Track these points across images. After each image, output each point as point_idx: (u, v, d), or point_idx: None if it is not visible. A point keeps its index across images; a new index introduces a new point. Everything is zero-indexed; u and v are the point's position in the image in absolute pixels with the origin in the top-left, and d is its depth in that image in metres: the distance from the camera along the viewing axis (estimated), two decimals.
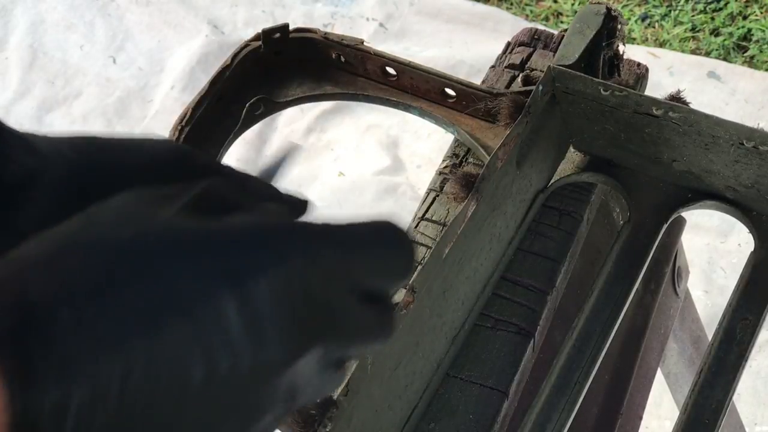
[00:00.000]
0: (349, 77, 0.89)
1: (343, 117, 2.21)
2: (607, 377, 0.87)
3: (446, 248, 0.67)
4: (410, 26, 2.38)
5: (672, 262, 0.94)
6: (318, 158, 2.16)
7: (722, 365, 0.72)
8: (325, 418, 0.59)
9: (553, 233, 0.81)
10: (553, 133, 0.80)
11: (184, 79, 2.29)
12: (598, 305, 0.75)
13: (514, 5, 2.42)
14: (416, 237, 0.82)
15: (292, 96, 0.89)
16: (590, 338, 0.74)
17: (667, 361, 1.08)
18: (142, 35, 2.42)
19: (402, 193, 2.09)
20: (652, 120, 0.74)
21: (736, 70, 2.20)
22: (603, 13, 0.81)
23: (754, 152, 0.72)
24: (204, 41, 2.36)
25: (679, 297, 0.99)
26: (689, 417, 0.70)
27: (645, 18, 2.35)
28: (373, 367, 0.62)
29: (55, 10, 2.47)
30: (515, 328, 0.76)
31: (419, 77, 0.86)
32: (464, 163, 0.86)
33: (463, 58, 2.26)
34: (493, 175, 0.71)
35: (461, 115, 0.86)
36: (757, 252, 0.77)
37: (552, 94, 0.77)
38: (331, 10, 2.43)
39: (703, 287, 1.87)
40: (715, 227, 1.94)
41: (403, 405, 0.69)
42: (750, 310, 0.74)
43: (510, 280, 0.78)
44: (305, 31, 0.89)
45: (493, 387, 0.72)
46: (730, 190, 0.77)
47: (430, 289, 0.66)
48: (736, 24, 2.30)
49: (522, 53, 0.92)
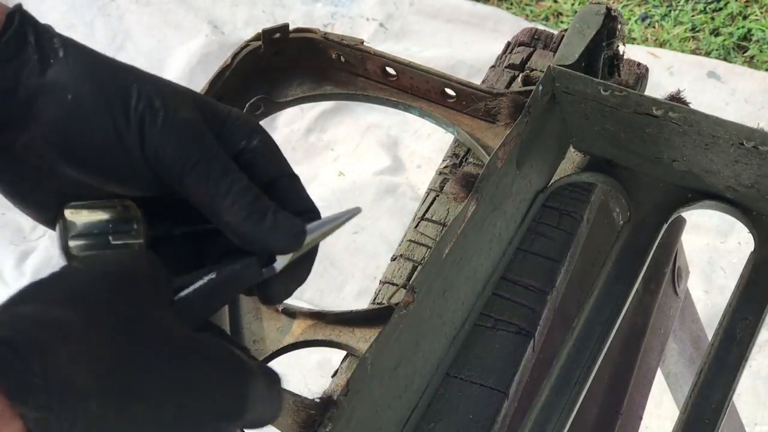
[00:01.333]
0: (349, 77, 0.89)
1: (343, 117, 2.21)
2: (607, 377, 0.87)
3: (446, 248, 0.67)
4: (410, 26, 2.38)
5: (672, 262, 0.94)
6: (318, 158, 2.16)
7: (722, 365, 0.72)
8: (325, 418, 0.59)
9: (553, 233, 0.81)
10: (553, 133, 0.80)
11: (184, 79, 2.29)
12: (598, 305, 0.75)
13: (514, 5, 2.42)
14: (416, 237, 0.82)
15: (292, 96, 0.89)
16: (590, 338, 0.74)
17: (667, 361, 1.08)
18: (142, 35, 2.42)
19: (402, 193, 2.09)
20: (652, 120, 0.74)
21: (736, 70, 2.20)
22: (603, 13, 0.81)
23: (754, 152, 0.72)
24: (204, 41, 2.36)
25: (679, 297, 0.99)
26: (689, 417, 0.70)
27: (645, 18, 2.35)
28: (373, 367, 0.62)
29: (55, 10, 2.47)
30: (515, 328, 0.76)
31: (419, 77, 0.86)
32: (464, 163, 0.86)
33: (463, 58, 2.26)
34: (493, 175, 0.71)
35: (461, 115, 0.86)
36: (757, 252, 0.77)
37: (552, 94, 0.77)
38: (331, 10, 2.43)
39: (703, 287, 1.87)
40: (715, 227, 1.94)
41: (403, 405, 0.69)
42: (750, 310, 0.74)
43: (510, 280, 0.78)
44: (305, 31, 0.89)
45: (493, 387, 0.72)
46: (730, 190, 0.77)
47: (430, 289, 0.66)
48: (736, 24, 2.30)
49: (522, 53, 0.92)
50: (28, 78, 0.51)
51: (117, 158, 0.52)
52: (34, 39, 0.52)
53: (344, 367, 0.74)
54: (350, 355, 0.74)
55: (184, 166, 0.52)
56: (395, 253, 0.81)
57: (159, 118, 0.52)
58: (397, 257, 0.81)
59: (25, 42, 0.52)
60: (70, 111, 0.51)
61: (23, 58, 0.51)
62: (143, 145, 0.52)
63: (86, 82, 0.52)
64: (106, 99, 0.52)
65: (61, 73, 0.51)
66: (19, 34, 0.52)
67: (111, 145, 0.52)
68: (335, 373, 0.74)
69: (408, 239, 0.82)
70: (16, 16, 0.52)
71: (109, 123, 0.51)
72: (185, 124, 0.52)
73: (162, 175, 0.53)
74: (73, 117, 0.51)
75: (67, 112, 0.51)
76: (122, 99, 0.52)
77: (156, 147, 0.52)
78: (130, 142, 0.52)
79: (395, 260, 0.81)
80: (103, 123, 0.51)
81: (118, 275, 0.48)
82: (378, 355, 0.62)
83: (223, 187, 0.52)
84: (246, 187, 0.53)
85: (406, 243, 0.81)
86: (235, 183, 0.53)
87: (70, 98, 0.51)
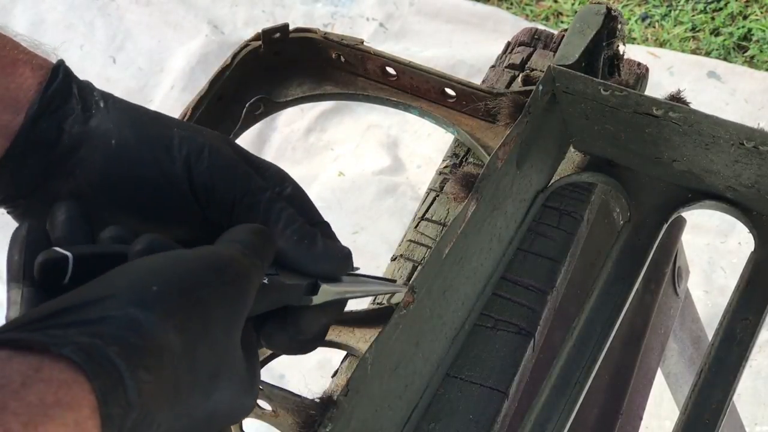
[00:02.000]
0: (349, 77, 0.89)
1: (343, 117, 2.21)
2: (607, 377, 0.87)
3: (446, 248, 0.66)
4: (410, 26, 2.38)
5: (672, 262, 0.94)
6: (318, 158, 2.16)
7: (722, 365, 0.72)
8: (325, 418, 0.58)
9: (553, 233, 0.81)
10: (553, 133, 0.80)
11: (184, 79, 2.29)
12: (598, 305, 0.75)
13: (514, 5, 2.42)
14: (416, 237, 0.82)
15: (292, 96, 0.89)
16: (590, 338, 0.74)
17: (667, 361, 1.08)
18: (142, 35, 2.42)
19: (402, 193, 2.09)
20: (653, 120, 0.74)
21: (736, 70, 2.20)
22: (603, 13, 0.81)
23: (754, 152, 0.72)
24: (204, 41, 2.35)
25: (679, 297, 0.99)
26: (689, 417, 0.70)
27: (645, 18, 2.35)
28: (373, 367, 0.62)
29: (55, 10, 2.47)
30: (515, 328, 0.76)
31: (419, 77, 0.86)
32: (464, 163, 0.86)
33: (463, 58, 2.26)
34: (493, 175, 0.71)
35: (461, 115, 0.86)
36: (757, 252, 0.77)
37: (552, 94, 0.77)
38: (331, 10, 2.43)
39: (703, 287, 1.87)
40: (715, 227, 1.94)
41: (403, 405, 0.69)
42: (750, 310, 0.74)
43: (510, 280, 0.78)
44: (305, 31, 0.89)
45: (493, 387, 0.72)
46: (730, 190, 0.77)
47: (430, 289, 0.66)
48: (736, 24, 2.30)
49: (522, 53, 0.92)
50: (71, 127, 0.54)
51: (164, 197, 0.54)
52: (78, 91, 0.55)
53: (344, 367, 0.74)
54: (350, 355, 0.74)
55: (234, 196, 0.54)
56: (395, 253, 0.81)
57: (204, 154, 0.54)
58: (397, 257, 0.81)
59: (70, 94, 0.54)
60: (115, 155, 0.54)
61: (67, 109, 0.54)
62: (191, 181, 0.54)
63: (128, 127, 0.54)
64: (150, 142, 0.54)
65: (103, 121, 0.54)
66: (64, 87, 0.55)
67: (158, 184, 0.54)
68: (335, 373, 0.74)
69: (408, 239, 0.82)
70: (61, 70, 0.55)
71: (154, 163, 0.54)
72: (230, 160, 0.55)
73: (211, 208, 0.55)
74: (119, 161, 0.54)
75: (111, 156, 0.54)
76: (165, 140, 0.54)
77: (205, 182, 0.54)
78: (177, 180, 0.54)
79: (395, 260, 0.81)
80: (149, 164, 0.54)
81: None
82: (378, 355, 0.62)
83: (273, 214, 0.55)
84: (294, 214, 0.56)
85: (406, 243, 0.81)
86: (283, 210, 0.55)
87: (114, 143, 0.54)
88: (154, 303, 0.43)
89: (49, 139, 0.54)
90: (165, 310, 0.43)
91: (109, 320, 0.42)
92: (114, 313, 0.42)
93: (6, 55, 0.54)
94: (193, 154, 0.54)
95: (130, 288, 0.43)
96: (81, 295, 0.43)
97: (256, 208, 0.55)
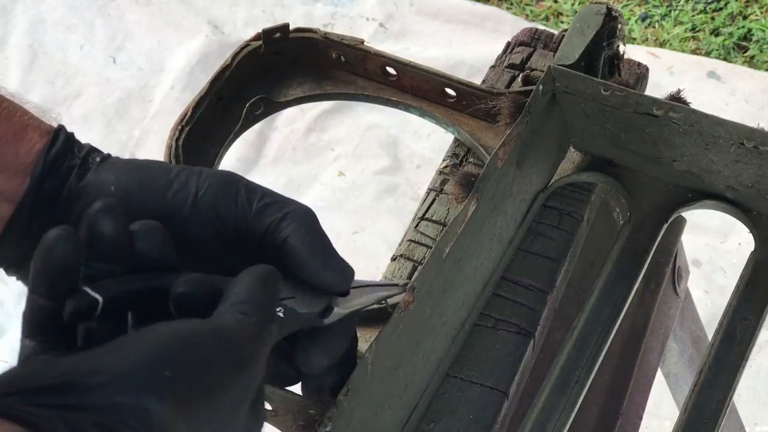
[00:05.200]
0: (349, 77, 0.89)
1: (343, 117, 2.21)
2: (607, 377, 0.87)
3: (446, 248, 0.66)
4: (410, 26, 2.38)
5: (672, 262, 0.94)
6: (318, 158, 2.16)
7: (722, 365, 0.72)
8: (325, 418, 0.58)
9: (553, 233, 0.81)
10: (553, 132, 0.80)
11: (184, 79, 2.29)
12: (598, 305, 0.75)
13: (514, 5, 2.42)
14: (416, 237, 0.82)
15: (292, 96, 0.89)
16: (590, 338, 0.74)
17: (667, 361, 1.08)
18: (142, 35, 2.42)
19: (402, 193, 2.09)
20: (653, 120, 0.74)
21: (736, 70, 2.20)
22: (603, 13, 0.81)
23: (754, 152, 0.72)
24: (204, 41, 2.35)
25: (679, 297, 0.99)
26: (689, 417, 0.70)
27: (645, 18, 2.35)
28: (373, 367, 0.61)
29: (55, 10, 2.47)
30: (515, 328, 0.76)
31: (419, 77, 0.86)
32: (464, 163, 0.86)
33: (463, 58, 2.26)
34: (493, 175, 0.71)
35: (461, 115, 0.86)
36: (757, 252, 0.77)
37: (552, 93, 0.77)
38: (331, 10, 2.43)
39: (703, 287, 1.87)
40: (715, 227, 1.94)
41: (403, 405, 0.69)
42: (750, 310, 0.74)
43: (510, 280, 0.78)
44: (305, 31, 0.89)
45: (493, 387, 0.72)
46: (730, 190, 0.77)
47: (430, 289, 0.66)
48: (736, 24, 2.30)
49: (522, 53, 0.92)
50: (72, 183, 0.56)
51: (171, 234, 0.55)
52: (77, 151, 0.57)
53: None
54: None
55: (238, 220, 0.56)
56: (395, 253, 0.81)
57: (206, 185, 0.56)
58: (397, 257, 0.81)
59: (71, 154, 0.57)
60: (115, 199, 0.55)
61: (68, 168, 0.56)
62: (196, 205, 0.55)
63: (125, 174, 0.56)
64: (150, 184, 0.56)
65: (101, 173, 0.56)
66: (65, 148, 0.57)
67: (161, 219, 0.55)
68: None
69: (408, 239, 0.82)
70: (62, 132, 0.57)
71: (155, 203, 0.55)
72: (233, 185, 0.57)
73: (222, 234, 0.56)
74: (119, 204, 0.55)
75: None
76: (164, 180, 0.56)
77: (209, 202, 0.55)
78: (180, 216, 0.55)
79: (395, 260, 0.81)
80: (149, 204, 0.55)
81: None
82: (378, 355, 0.62)
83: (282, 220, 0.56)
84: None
85: (406, 243, 0.81)
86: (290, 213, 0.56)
87: (113, 189, 0.56)
88: (166, 392, 0.43)
89: (53, 199, 0.56)
90: (176, 400, 0.43)
91: (121, 409, 0.42)
92: (125, 400, 0.42)
93: (17, 122, 0.56)
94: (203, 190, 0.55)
95: (143, 370, 0.43)
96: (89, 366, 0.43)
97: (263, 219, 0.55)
